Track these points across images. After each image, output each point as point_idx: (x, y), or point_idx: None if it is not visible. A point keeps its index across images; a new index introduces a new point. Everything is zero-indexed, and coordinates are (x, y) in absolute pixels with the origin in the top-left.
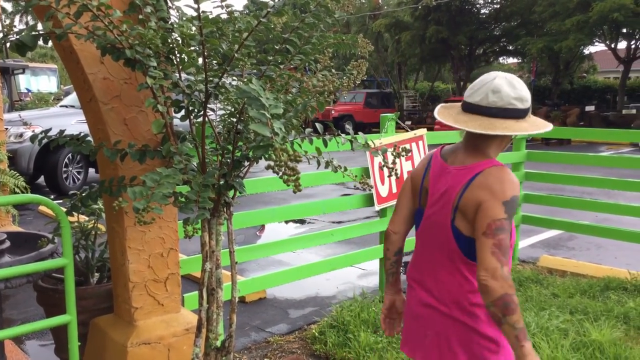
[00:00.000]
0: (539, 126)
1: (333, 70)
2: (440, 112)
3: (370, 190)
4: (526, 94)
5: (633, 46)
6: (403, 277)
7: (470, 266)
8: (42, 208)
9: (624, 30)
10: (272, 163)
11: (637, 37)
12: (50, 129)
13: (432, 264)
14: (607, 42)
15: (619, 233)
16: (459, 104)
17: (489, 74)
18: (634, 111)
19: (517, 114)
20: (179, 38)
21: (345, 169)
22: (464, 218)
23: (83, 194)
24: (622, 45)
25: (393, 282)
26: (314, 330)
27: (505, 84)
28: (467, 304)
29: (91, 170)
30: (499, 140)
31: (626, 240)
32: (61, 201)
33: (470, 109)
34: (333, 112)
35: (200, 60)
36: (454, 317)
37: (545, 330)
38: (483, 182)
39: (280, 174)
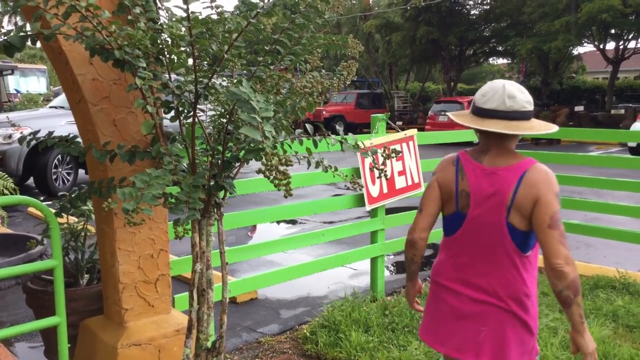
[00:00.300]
0: (547, 126)
1: (323, 71)
2: (460, 119)
3: (360, 190)
4: (531, 98)
5: (621, 47)
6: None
7: (523, 259)
8: (31, 209)
9: (613, 31)
10: (262, 167)
11: (625, 37)
12: (39, 130)
13: (482, 262)
14: (596, 42)
15: (608, 232)
16: (467, 111)
17: (494, 82)
18: (622, 111)
19: (529, 116)
20: (168, 39)
21: (336, 169)
22: (519, 214)
23: (72, 195)
24: (610, 46)
25: (416, 275)
26: (305, 330)
27: (517, 90)
28: (522, 295)
29: (81, 172)
30: (515, 140)
31: (615, 239)
32: (50, 203)
33: (489, 114)
34: (324, 112)
35: (190, 61)
36: (510, 310)
37: None
38: (536, 179)
39: (271, 178)
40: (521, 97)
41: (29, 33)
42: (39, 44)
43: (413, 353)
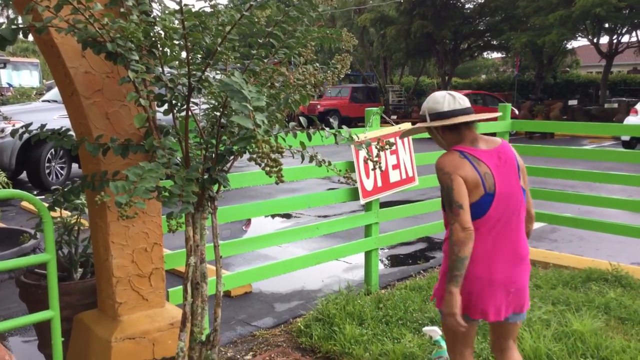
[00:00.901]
0: (487, 114)
1: (316, 64)
2: (435, 123)
3: (354, 184)
4: None
5: (615, 41)
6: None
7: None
8: (24, 204)
9: (606, 25)
10: (254, 155)
11: (619, 32)
12: (31, 124)
13: (513, 227)
14: (590, 36)
15: (600, 225)
16: (423, 123)
17: (439, 92)
18: (615, 105)
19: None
20: (161, 31)
21: (330, 163)
22: (522, 177)
23: (65, 189)
24: (604, 40)
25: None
26: (299, 324)
27: (459, 94)
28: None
29: (74, 166)
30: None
31: (608, 232)
32: (44, 197)
33: (457, 113)
34: (319, 106)
35: (184, 54)
36: (529, 263)
37: (528, 321)
38: (515, 152)
39: (263, 165)
40: (465, 98)
41: (20, 26)
42: (31, 37)
43: (407, 345)
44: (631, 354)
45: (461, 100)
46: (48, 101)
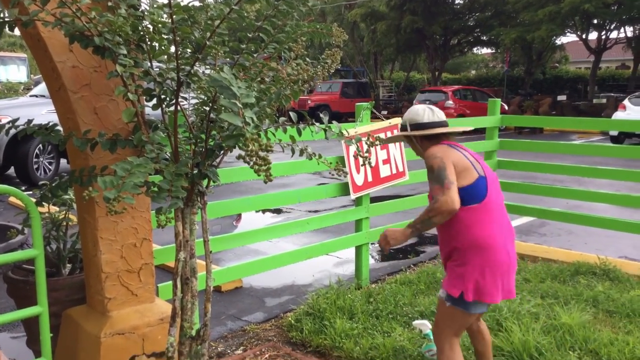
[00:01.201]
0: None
1: (307, 59)
2: (417, 133)
3: (345, 176)
4: None
5: (604, 37)
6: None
7: None
8: (12, 199)
9: (595, 21)
10: (242, 153)
11: (607, 28)
12: (18, 119)
13: (504, 212)
14: (579, 32)
15: (589, 219)
16: (402, 133)
17: (419, 105)
18: (604, 101)
19: None
20: (149, 26)
21: (320, 157)
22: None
23: (53, 185)
24: (593, 36)
25: None
26: (290, 318)
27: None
28: None
29: (63, 161)
30: None
31: (596, 226)
32: (32, 193)
33: (439, 124)
34: (309, 102)
35: (172, 48)
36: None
37: (517, 315)
38: None
39: (251, 163)
40: (442, 112)
41: (6, 19)
42: (17, 31)
43: (397, 339)
44: (619, 346)
45: (439, 114)
46: (36, 96)
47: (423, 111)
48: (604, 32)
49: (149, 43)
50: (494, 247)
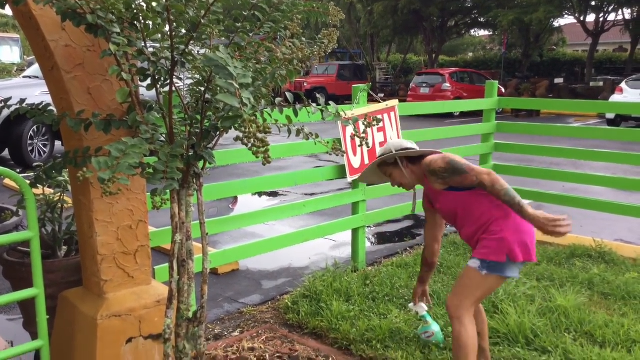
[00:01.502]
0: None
1: (303, 39)
2: (405, 153)
3: (343, 156)
4: None
5: (601, 19)
6: None
7: None
8: (6, 181)
9: (593, 3)
10: (240, 134)
11: (605, 10)
12: (10, 98)
13: None
14: (576, 14)
15: (585, 202)
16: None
17: (394, 140)
18: (601, 83)
19: None
20: (143, 3)
21: (317, 137)
22: None
23: (47, 166)
24: (590, 18)
25: None
26: (287, 301)
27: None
28: None
29: (57, 143)
30: None
31: (592, 209)
32: (26, 174)
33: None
34: (306, 84)
35: (167, 27)
36: None
37: (512, 297)
38: None
39: (249, 145)
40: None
41: None
42: (10, 11)
43: (393, 321)
44: (614, 329)
45: (417, 147)
46: (29, 77)
47: (406, 141)
48: (601, 14)
49: (142, 21)
50: (518, 219)
